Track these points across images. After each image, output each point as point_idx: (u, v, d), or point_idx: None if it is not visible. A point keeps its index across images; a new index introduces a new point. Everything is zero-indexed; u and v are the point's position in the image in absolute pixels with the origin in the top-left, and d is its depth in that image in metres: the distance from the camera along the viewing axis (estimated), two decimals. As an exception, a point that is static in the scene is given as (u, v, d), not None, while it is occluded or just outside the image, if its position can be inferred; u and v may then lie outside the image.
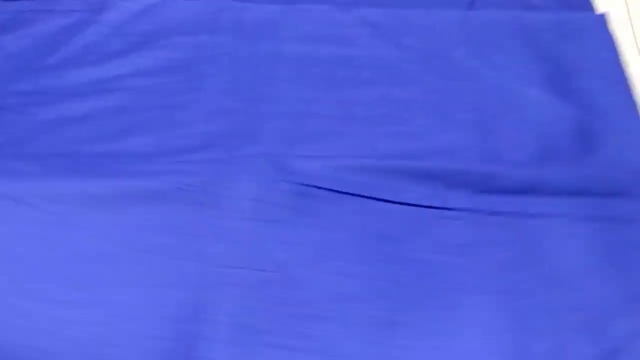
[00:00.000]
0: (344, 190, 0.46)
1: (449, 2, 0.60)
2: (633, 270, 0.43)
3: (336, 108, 0.51)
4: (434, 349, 0.41)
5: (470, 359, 0.40)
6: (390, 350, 0.41)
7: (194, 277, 0.43)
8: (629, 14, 0.61)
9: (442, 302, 0.42)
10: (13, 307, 0.41)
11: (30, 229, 0.44)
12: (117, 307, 0.42)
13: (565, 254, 0.44)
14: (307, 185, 0.46)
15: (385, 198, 0.46)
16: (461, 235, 0.45)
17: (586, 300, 0.42)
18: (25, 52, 0.54)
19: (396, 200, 0.46)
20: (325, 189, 0.45)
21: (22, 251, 0.43)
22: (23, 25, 0.56)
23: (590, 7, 0.60)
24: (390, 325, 0.41)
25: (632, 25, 0.60)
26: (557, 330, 0.41)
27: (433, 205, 0.46)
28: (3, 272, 0.43)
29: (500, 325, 0.41)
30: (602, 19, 0.58)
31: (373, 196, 0.46)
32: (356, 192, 0.46)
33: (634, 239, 0.45)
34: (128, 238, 0.44)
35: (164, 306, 0.42)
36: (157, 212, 0.44)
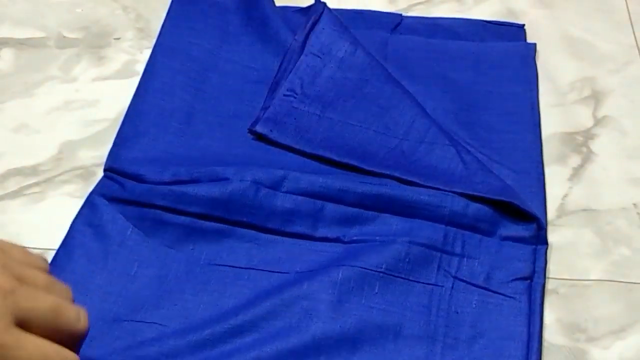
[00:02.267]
0: None
1: (378, 23, 0.58)
2: None
3: None
4: None
5: None
6: None
7: None
8: (629, 15, 0.61)
9: None
10: None
11: None
12: None
13: None
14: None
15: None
16: None
17: None
18: None
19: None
20: None
21: None
22: None
23: (522, 38, 0.58)
24: None
25: (632, 26, 0.60)
26: None
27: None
28: None
29: None
30: (528, 50, 0.56)
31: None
32: None
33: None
34: None
35: None
36: None
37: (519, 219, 0.44)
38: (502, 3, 0.62)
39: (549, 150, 0.51)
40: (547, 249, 0.44)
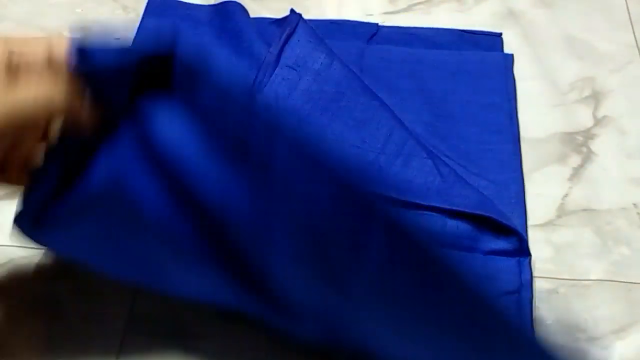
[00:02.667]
0: None
1: (355, 34, 0.57)
2: None
3: None
4: None
5: None
6: None
7: None
8: (629, 15, 0.61)
9: None
10: None
11: None
12: None
13: None
14: None
15: None
16: None
17: None
18: None
19: None
20: None
21: None
22: None
23: (498, 47, 0.57)
24: None
25: (632, 26, 0.60)
26: None
27: None
28: None
29: None
30: (506, 60, 0.55)
31: None
32: None
33: None
34: None
35: None
36: None
37: (499, 232, 0.43)
38: (502, 3, 0.62)
39: (549, 150, 0.51)
40: (530, 260, 0.43)
